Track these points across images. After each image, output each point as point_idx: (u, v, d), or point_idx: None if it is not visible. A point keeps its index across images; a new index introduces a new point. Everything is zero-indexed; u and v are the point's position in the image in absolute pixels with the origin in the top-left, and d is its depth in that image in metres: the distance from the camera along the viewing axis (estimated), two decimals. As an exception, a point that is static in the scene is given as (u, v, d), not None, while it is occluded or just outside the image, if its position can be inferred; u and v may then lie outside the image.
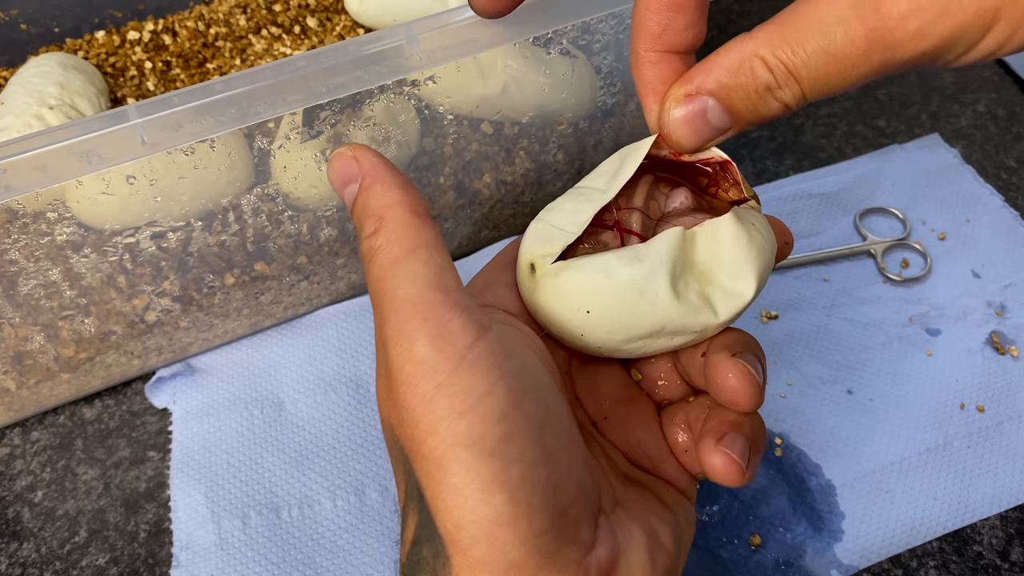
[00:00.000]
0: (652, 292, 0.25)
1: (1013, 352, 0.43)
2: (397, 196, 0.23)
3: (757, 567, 0.37)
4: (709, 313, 0.26)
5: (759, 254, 0.26)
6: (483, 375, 0.21)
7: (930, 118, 0.53)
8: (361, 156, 0.24)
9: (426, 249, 0.23)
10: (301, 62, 0.30)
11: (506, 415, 0.21)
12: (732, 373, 0.25)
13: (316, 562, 0.37)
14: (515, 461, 0.21)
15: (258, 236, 0.38)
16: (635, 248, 0.25)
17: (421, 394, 0.21)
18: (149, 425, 0.41)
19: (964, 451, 0.40)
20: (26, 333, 0.37)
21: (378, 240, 0.23)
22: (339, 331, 0.44)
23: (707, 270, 0.26)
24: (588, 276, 0.25)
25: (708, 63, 0.24)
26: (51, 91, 0.43)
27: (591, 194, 0.27)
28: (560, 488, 0.22)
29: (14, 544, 0.38)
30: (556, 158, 0.43)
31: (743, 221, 0.26)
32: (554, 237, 0.27)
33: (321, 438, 0.41)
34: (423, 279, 0.22)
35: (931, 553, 0.37)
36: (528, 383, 0.23)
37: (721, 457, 0.25)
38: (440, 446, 0.21)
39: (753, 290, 0.26)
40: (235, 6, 0.54)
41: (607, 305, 0.25)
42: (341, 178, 0.25)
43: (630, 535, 0.25)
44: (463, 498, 0.21)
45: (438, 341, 0.21)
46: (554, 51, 0.37)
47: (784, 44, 0.22)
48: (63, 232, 0.33)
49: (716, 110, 0.24)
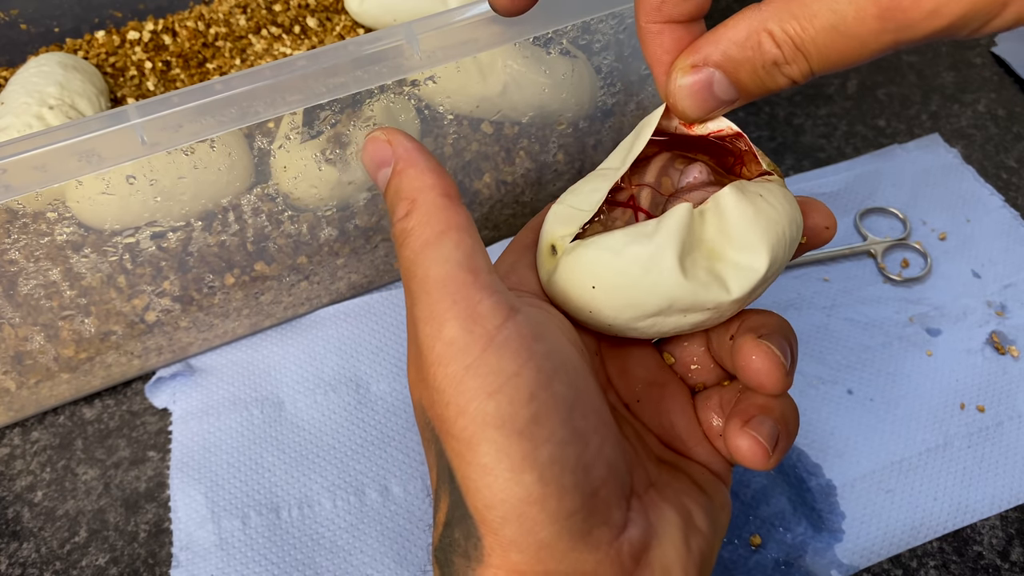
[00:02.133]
0: (657, 269, 0.25)
1: (1013, 352, 0.43)
2: (430, 180, 0.24)
3: (757, 567, 0.37)
4: (720, 290, 0.25)
5: (769, 225, 0.25)
6: (512, 356, 0.21)
7: (930, 118, 0.53)
8: (395, 140, 0.25)
9: (457, 231, 0.23)
10: (301, 62, 0.30)
11: (535, 395, 0.21)
12: (756, 355, 0.25)
13: (316, 562, 0.37)
14: (545, 441, 0.21)
15: (258, 236, 0.38)
16: (644, 225, 0.25)
17: (451, 375, 0.21)
18: (149, 425, 0.41)
19: (964, 451, 0.40)
20: (26, 333, 0.37)
21: (410, 222, 0.23)
22: (339, 331, 0.44)
23: (716, 247, 0.25)
24: (595, 253, 0.25)
25: (715, 34, 0.23)
26: (51, 91, 0.43)
27: (607, 172, 0.27)
28: (590, 469, 0.22)
29: (14, 544, 0.38)
30: (556, 158, 0.43)
31: (747, 192, 0.25)
32: (572, 217, 0.27)
33: (321, 438, 0.41)
34: (453, 260, 0.22)
35: (931, 553, 0.37)
36: (558, 363, 0.23)
37: (747, 439, 0.25)
38: (470, 426, 0.21)
39: (765, 263, 0.25)
40: (235, 6, 0.54)
41: (613, 282, 0.25)
42: (375, 161, 0.25)
43: (663, 517, 0.24)
44: (493, 478, 0.21)
45: (467, 322, 0.22)
46: (554, 51, 0.37)
47: (792, 19, 0.21)
48: (63, 232, 0.33)
49: (722, 82, 0.24)
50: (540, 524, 0.21)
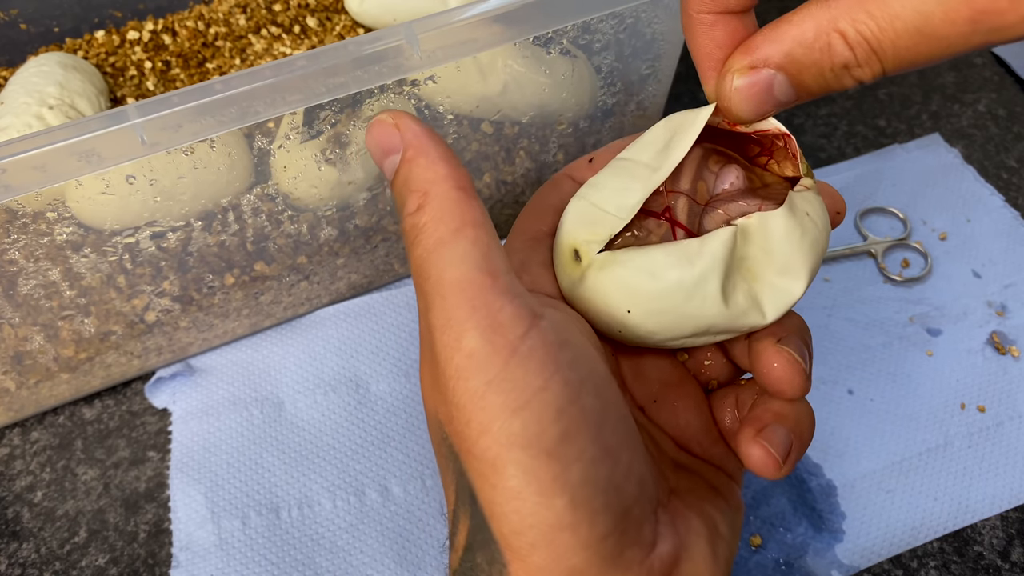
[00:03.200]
0: (701, 296, 0.23)
1: (1014, 352, 0.43)
2: (442, 170, 0.22)
3: (757, 567, 0.37)
4: (757, 315, 0.24)
5: (812, 247, 0.24)
6: (538, 368, 0.20)
7: (931, 118, 0.53)
8: (403, 125, 0.23)
9: (473, 228, 0.21)
10: (301, 62, 0.30)
11: (564, 411, 0.20)
12: (777, 362, 0.24)
13: (316, 562, 0.37)
14: (575, 461, 0.20)
15: (258, 236, 0.38)
16: (685, 247, 0.24)
17: (472, 390, 0.20)
18: (149, 425, 0.41)
19: (965, 451, 0.40)
20: (26, 333, 0.37)
21: (422, 218, 0.22)
22: (339, 331, 0.44)
23: (755, 266, 0.24)
24: (632, 275, 0.24)
25: (777, 32, 0.21)
26: (51, 91, 0.43)
27: (636, 170, 0.25)
28: (622, 487, 0.21)
29: (14, 544, 0.38)
30: (556, 158, 0.43)
31: (796, 212, 0.24)
32: (598, 220, 0.25)
33: (321, 438, 0.41)
34: (471, 261, 0.21)
35: (932, 553, 0.37)
36: (585, 373, 0.21)
37: (759, 449, 0.24)
38: (494, 446, 0.20)
39: (803, 287, 0.24)
40: (235, 6, 0.54)
41: (651, 307, 0.24)
42: (381, 148, 0.23)
43: (690, 527, 0.23)
44: (520, 502, 0.20)
45: (488, 332, 0.20)
46: (554, 51, 0.37)
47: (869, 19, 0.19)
48: (63, 232, 0.33)
49: (783, 84, 0.22)
50: (571, 550, 0.20)
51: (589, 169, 0.29)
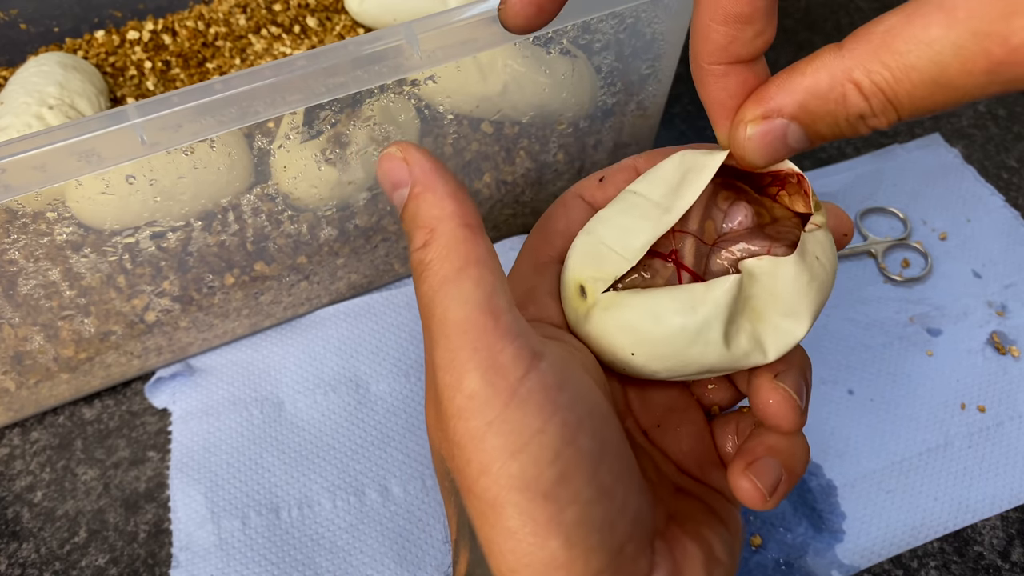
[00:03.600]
0: (704, 342, 0.24)
1: (1014, 352, 0.43)
2: (449, 207, 0.22)
3: (758, 567, 0.37)
4: (759, 355, 0.25)
5: (819, 291, 0.24)
6: (536, 411, 0.21)
7: (930, 118, 0.53)
8: (412, 159, 0.23)
9: (477, 267, 0.22)
10: (301, 62, 0.30)
11: (560, 453, 0.21)
12: (773, 398, 0.25)
13: (316, 562, 0.37)
14: (570, 503, 0.21)
15: (258, 236, 0.38)
16: (690, 292, 0.24)
17: (472, 430, 0.21)
18: (149, 425, 0.41)
19: (965, 451, 0.40)
20: (26, 333, 0.37)
21: (428, 254, 0.22)
22: (339, 331, 0.44)
23: (760, 306, 0.24)
24: (636, 318, 0.24)
25: (790, 82, 0.21)
26: (51, 91, 0.43)
27: (646, 208, 0.25)
28: (616, 524, 0.22)
29: (14, 544, 0.38)
30: (556, 158, 0.43)
31: (807, 257, 0.24)
32: (604, 257, 0.25)
33: (321, 438, 0.40)
34: (473, 301, 0.21)
35: (932, 553, 0.37)
36: (583, 413, 0.22)
37: (747, 482, 0.25)
38: (493, 487, 0.20)
39: (806, 329, 0.24)
40: (235, 6, 0.54)
41: (655, 351, 0.24)
42: (391, 181, 0.23)
43: (686, 553, 0.24)
44: (516, 542, 0.20)
45: (489, 374, 0.21)
46: (554, 51, 0.37)
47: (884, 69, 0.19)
48: (63, 232, 0.33)
49: (797, 133, 0.22)
50: None
51: (599, 188, 0.29)
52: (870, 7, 0.59)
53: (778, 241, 0.25)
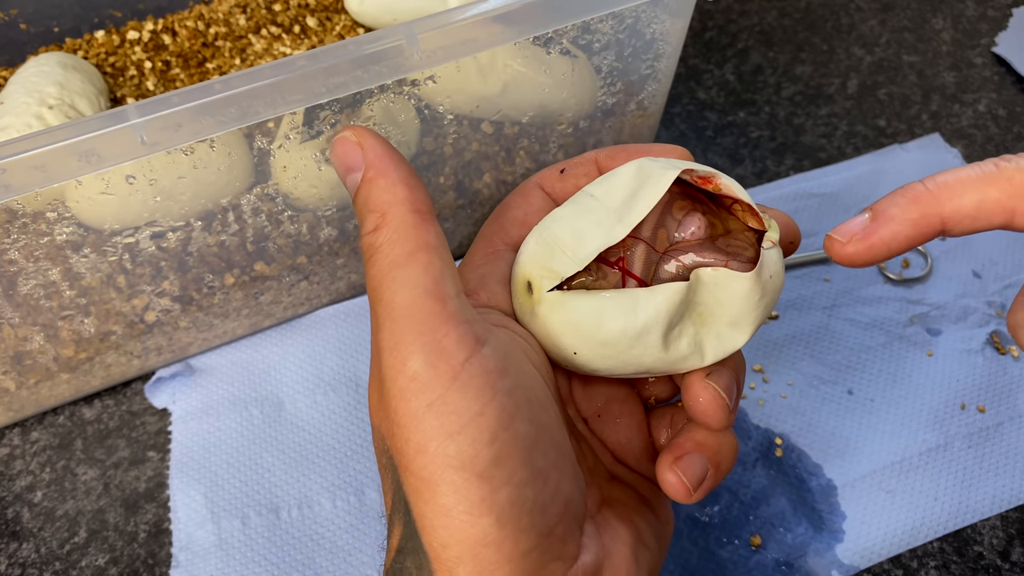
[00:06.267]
0: (643, 345, 0.25)
1: (1014, 352, 0.43)
2: (401, 193, 0.23)
3: (757, 567, 0.37)
4: (697, 359, 0.26)
5: (767, 307, 0.25)
6: (475, 394, 0.21)
7: (931, 118, 0.53)
8: (366, 143, 0.24)
9: (426, 252, 0.22)
10: (301, 62, 0.30)
11: (497, 436, 0.21)
12: (702, 396, 0.26)
13: (316, 562, 0.37)
14: (504, 483, 0.21)
15: (258, 236, 0.38)
16: (633, 296, 0.25)
17: (412, 411, 0.21)
18: (149, 425, 0.41)
19: (965, 451, 0.40)
20: (26, 333, 0.37)
21: (379, 238, 0.23)
22: (339, 331, 0.44)
23: (707, 313, 0.25)
24: (580, 319, 0.25)
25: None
26: (51, 91, 0.43)
27: (600, 214, 0.26)
28: (547, 507, 0.22)
29: (14, 544, 0.38)
30: (556, 158, 0.43)
31: (760, 275, 0.25)
32: (555, 257, 0.26)
33: (321, 438, 0.41)
34: (421, 286, 0.22)
35: (932, 553, 0.37)
36: (521, 400, 0.22)
37: (673, 476, 0.26)
38: (429, 466, 0.21)
39: (747, 338, 0.26)
40: (235, 6, 0.54)
41: (596, 351, 0.25)
42: (344, 164, 0.24)
43: (615, 536, 0.25)
44: (449, 519, 0.21)
45: (432, 356, 0.21)
46: (554, 51, 0.37)
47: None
48: (63, 232, 0.33)
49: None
50: (495, 565, 0.21)
51: (560, 180, 0.29)
52: (870, 7, 0.59)
53: (729, 254, 0.26)
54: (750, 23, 0.59)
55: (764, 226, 0.26)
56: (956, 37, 0.58)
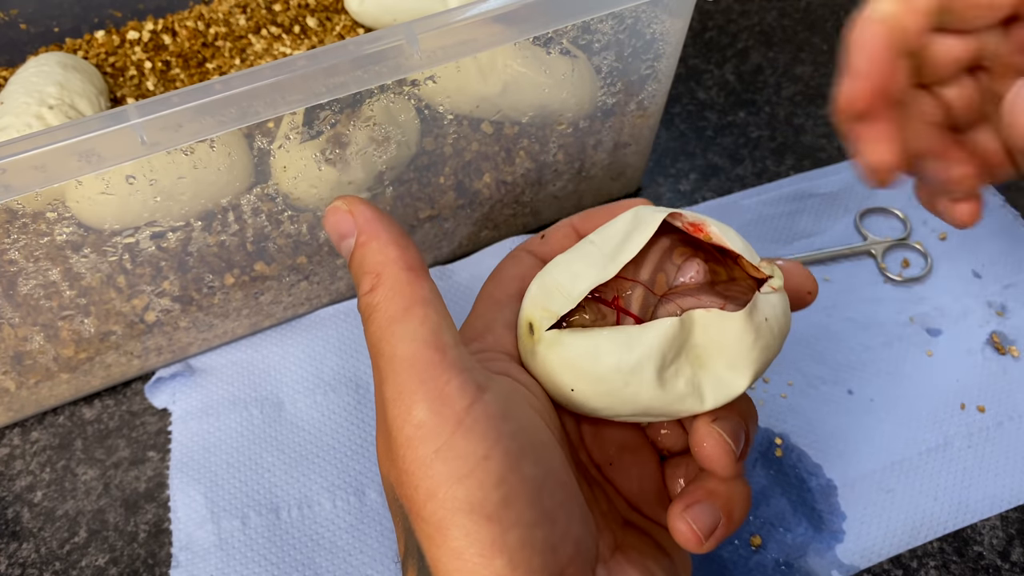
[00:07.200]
0: (638, 381, 0.25)
1: (1014, 352, 0.43)
2: (393, 253, 0.24)
3: (757, 567, 0.37)
4: (695, 401, 0.26)
5: (763, 352, 0.25)
6: (480, 439, 0.22)
7: (930, 118, 0.53)
8: (356, 211, 0.25)
9: (422, 307, 0.23)
10: (301, 62, 0.30)
11: (504, 479, 0.22)
12: (707, 441, 0.26)
13: (316, 562, 0.37)
14: (513, 525, 0.21)
15: (258, 236, 0.38)
16: (627, 333, 0.25)
17: (420, 458, 0.22)
18: (149, 425, 0.41)
19: (965, 451, 0.40)
20: (26, 333, 0.37)
21: (375, 298, 0.24)
22: (339, 331, 0.44)
23: (704, 355, 0.25)
24: (576, 355, 0.25)
25: None
26: (51, 91, 0.43)
27: (596, 257, 0.27)
28: (558, 548, 0.22)
29: (14, 544, 0.38)
30: (556, 158, 0.43)
31: (755, 316, 0.25)
32: (553, 298, 0.26)
33: (321, 438, 0.41)
34: (420, 338, 0.22)
35: (932, 553, 0.37)
36: (526, 443, 0.23)
37: (684, 525, 0.26)
38: (439, 511, 0.21)
39: (746, 384, 0.25)
40: (235, 6, 0.54)
41: (593, 388, 0.25)
42: (337, 232, 0.25)
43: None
44: (462, 562, 0.21)
45: (436, 404, 0.22)
46: (554, 51, 0.37)
47: None
48: (63, 232, 0.33)
49: None
50: None
51: (542, 244, 0.31)
52: (870, 7, 0.59)
53: (729, 299, 0.26)
54: (750, 23, 0.59)
55: (762, 274, 0.26)
56: (956, 37, 0.57)
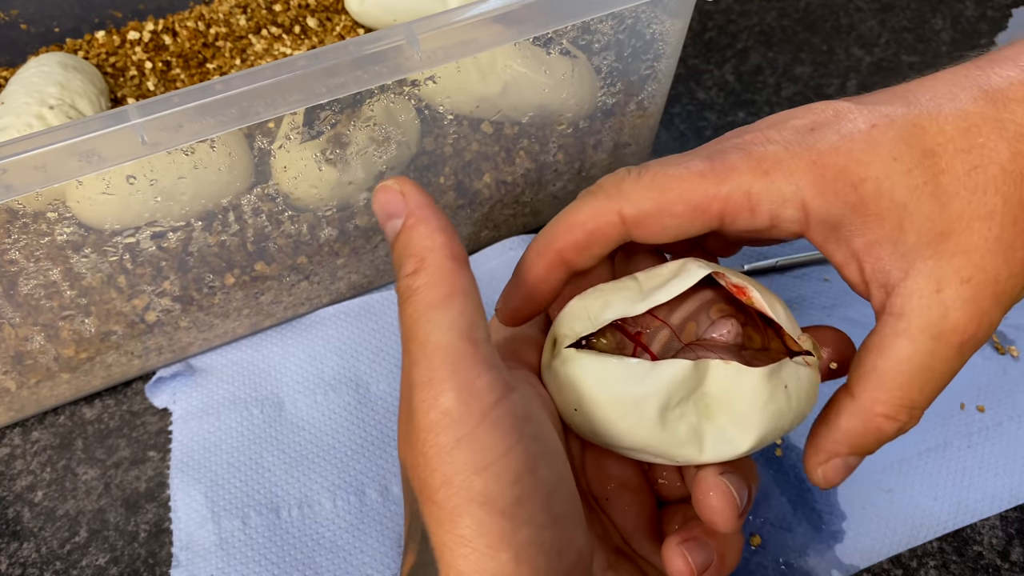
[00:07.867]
0: (638, 415, 0.25)
1: (1013, 352, 0.43)
2: (440, 239, 0.24)
3: (758, 567, 0.37)
4: (694, 449, 0.25)
5: (773, 417, 0.25)
6: (504, 435, 0.22)
7: (930, 118, 0.53)
8: (408, 192, 0.25)
9: (462, 297, 0.23)
10: (301, 62, 0.30)
11: (521, 478, 0.22)
12: (713, 492, 0.25)
13: (316, 562, 0.37)
14: (524, 523, 0.22)
15: (258, 236, 0.38)
16: (638, 365, 0.25)
17: (441, 444, 0.22)
18: (149, 425, 0.41)
19: (964, 451, 0.40)
20: (26, 333, 0.37)
21: (417, 281, 0.24)
22: (339, 331, 0.44)
23: (713, 405, 0.25)
24: (584, 376, 0.25)
25: (833, 433, 0.26)
26: (51, 91, 0.43)
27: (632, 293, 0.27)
28: (563, 554, 0.23)
29: (14, 544, 0.38)
30: (556, 158, 0.43)
31: (774, 379, 0.25)
32: (580, 320, 0.27)
33: (321, 438, 0.41)
34: (456, 329, 0.23)
35: (931, 553, 0.37)
36: (544, 448, 0.23)
37: (679, 557, 0.26)
38: (454, 498, 0.21)
39: (749, 446, 0.25)
40: (235, 6, 0.54)
41: (593, 412, 0.25)
42: (385, 211, 0.25)
43: None
44: (469, 550, 0.21)
45: (464, 394, 0.22)
46: (554, 51, 0.37)
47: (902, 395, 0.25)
48: (63, 232, 0.33)
49: (854, 460, 0.27)
50: None
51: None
52: (869, 7, 0.59)
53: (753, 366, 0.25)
54: (750, 23, 0.59)
55: (799, 347, 0.26)
56: (955, 37, 0.58)
